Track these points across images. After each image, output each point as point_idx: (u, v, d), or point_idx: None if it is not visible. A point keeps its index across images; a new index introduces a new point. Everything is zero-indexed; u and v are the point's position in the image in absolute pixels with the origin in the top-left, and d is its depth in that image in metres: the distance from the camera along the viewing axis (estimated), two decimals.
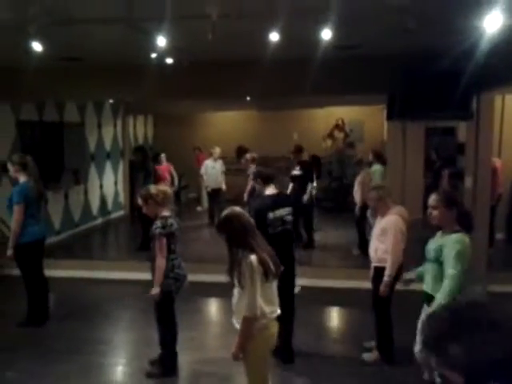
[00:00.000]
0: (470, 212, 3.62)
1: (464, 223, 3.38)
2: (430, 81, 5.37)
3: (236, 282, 2.97)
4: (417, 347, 3.46)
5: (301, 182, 8.00)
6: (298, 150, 8.54)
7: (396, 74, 5.51)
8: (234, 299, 3.06)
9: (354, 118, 12.16)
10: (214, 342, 5.15)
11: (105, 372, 4.45)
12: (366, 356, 4.48)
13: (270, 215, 4.15)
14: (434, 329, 1.30)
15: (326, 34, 4.05)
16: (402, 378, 4.07)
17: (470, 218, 3.48)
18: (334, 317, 6.00)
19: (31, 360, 4.54)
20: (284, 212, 4.27)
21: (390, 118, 6.33)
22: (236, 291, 3.04)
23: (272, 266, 2.97)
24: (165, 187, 4.43)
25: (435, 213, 3.39)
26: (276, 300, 3.09)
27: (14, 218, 5.06)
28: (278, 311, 3.09)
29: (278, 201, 4.33)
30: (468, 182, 6.16)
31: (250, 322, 2.92)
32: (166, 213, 4.22)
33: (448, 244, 3.27)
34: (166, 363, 4.29)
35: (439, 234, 3.49)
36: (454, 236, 3.30)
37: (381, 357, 4.40)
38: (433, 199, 3.42)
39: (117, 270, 6.97)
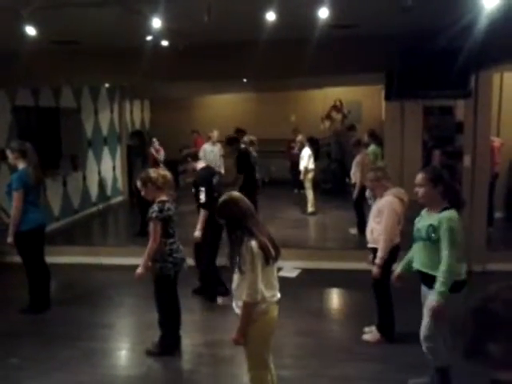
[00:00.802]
0: (458, 189, 3.57)
1: (452, 200, 3.36)
2: (427, 59, 5.32)
3: (236, 266, 2.97)
4: (422, 331, 3.47)
5: None
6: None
7: (393, 53, 5.45)
8: (234, 284, 3.06)
9: (351, 99, 12.09)
10: (215, 325, 5.19)
11: (108, 356, 4.48)
12: (367, 336, 4.52)
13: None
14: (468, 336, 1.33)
15: (323, 13, 3.99)
16: (403, 357, 4.10)
17: (458, 195, 3.45)
18: (334, 298, 6.04)
19: (34, 346, 4.58)
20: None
21: (388, 97, 6.29)
22: (236, 276, 3.04)
23: (272, 250, 2.97)
24: (165, 171, 4.42)
25: (422, 190, 3.38)
26: (276, 284, 3.09)
27: (14, 205, 5.04)
28: (278, 295, 3.09)
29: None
30: (467, 160, 6.15)
31: (250, 307, 2.92)
32: (163, 197, 4.22)
33: (442, 223, 3.25)
34: (164, 344, 4.34)
35: (424, 212, 3.48)
36: (446, 214, 3.29)
37: (381, 337, 4.44)
38: (419, 177, 3.42)
39: (117, 256, 6.98)
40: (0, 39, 5.35)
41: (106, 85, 10.20)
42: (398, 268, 3.75)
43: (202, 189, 5.30)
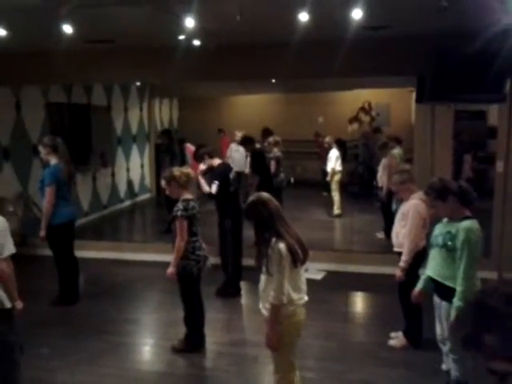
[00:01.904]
0: (467, 188, 3.36)
1: (465, 201, 3.27)
2: (462, 62, 5.20)
3: (263, 268, 2.96)
4: (446, 343, 3.42)
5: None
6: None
7: (426, 56, 5.36)
8: (261, 285, 3.05)
9: (380, 101, 11.96)
10: (239, 324, 5.21)
11: (133, 351, 4.55)
12: (393, 342, 4.46)
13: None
14: (467, 327, 1.42)
15: (357, 14, 3.96)
16: (429, 364, 4.04)
17: (468, 193, 3.31)
18: (359, 302, 5.99)
19: (63, 337, 4.67)
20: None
21: (419, 100, 6.18)
22: (263, 277, 3.03)
23: (300, 252, 2.96)
24: (188, 169, 4.46)
25: (438, 210, 3.35)
26: (304, 286, 3.07)
27: (46, 200, 5.16)
28: (306, 298, 3.07)
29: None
30: (499, 166, 6.01)
31: (277, 309, 2.91)
32: (188, 195, 4.25)
33: (461, 233, 3.17)
34: (189, 341, 4.38)
35: (445, 219, 3.41)
36: (466, 223, 3.20)
37: (408, 342, 4.38)
38: (428, 199, 3.41)
39: (144, 252, 7.07)
40: (37, 38, 5.48)
41: (137, 83, 10.33)
42: (419, 284, 3.65)
43: (216, 182, 5.43)
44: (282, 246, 2.88)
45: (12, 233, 3.17)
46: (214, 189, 5.44)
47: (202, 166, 5.67)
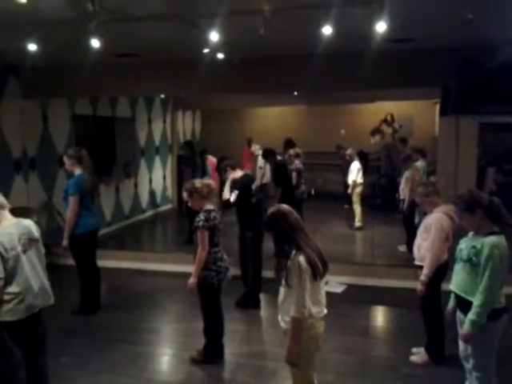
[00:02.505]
0: (497, 203, 3.24)
1: (493, 217, 3.18)
2: (487, 75, 5.16)
3: (283, 280, 2.95)
4: (470, 361, 3.34)
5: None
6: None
7: (451, 68, 5.33)
8: (280, 297, 3.04)
9: (403, 113, 11.87)
10: (258, 336, 5.18)
11: (153, 361, 4.57)
12: (415, 358, 4.38)
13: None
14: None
15: (381, 27, 3.96)
16: (451, 381, 3.95)
17: (498, 209, 3.21)
18: (380, 316, 5.90)
19: (84, 346, 4.72)
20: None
21: (443, 113, 6.13)
22: (282, 289, 3.02)
23: (320, 266, 2.93)
24: (209, 181, 4.49)
25: (464, 222, 3.28)
26: (323, 300, 3.04)
27: (70, 209, 5.25)
28: (325, 311, 3.05)
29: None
30: None
31: (299, 322, 2.87)
32: (209, 206, 4.28)
33: (485, 248, 3.10)
34: (208, 352, 4.38)
35: (471, 233, 3.34)
36: (492, 239, 3.12)
37: (429, 358, 4.30)
38: (456, 211, 3.35)
39: (166, 263, 7.12)
40: (66, 52, 5.62)
41: (161, 95, 10.48)
42: (450, 302, 3.56)
43: (236, 191, 5.45)
44: (301, 258, 2.87)
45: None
46: (232, 197, 5.46)
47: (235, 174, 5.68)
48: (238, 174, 5.72)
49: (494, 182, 8.84)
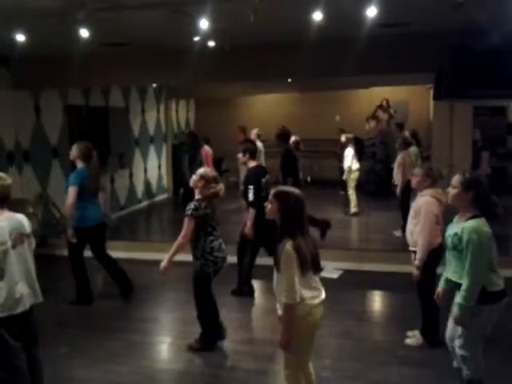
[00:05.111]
0: (493, 198, 3.28)
1: (482, 208, 3.20)
2: (479, 59, 5.15)
3: (274, 264, 2.95)
4: (456, 340, 3.37)
5: None
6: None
7: (444, 52, 5.31)
8: (274, 283, 3.03)
9: (398, 99, 11.85)
10: (254, 323, 5.22)
11: (150, 350, 4.60)
12: (410, 341, 4.43)
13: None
14: None
15: (371, 12, 3.94)
16: (446, 362, 3.99)
17: (490, 204, 3.23)
18: (376, 301, 5.95)
19: (81, 336, 4.74)
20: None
21: (437, 97, 6.12)
22: (275, 274, 3.01)
23: (309, 263, 2.88)
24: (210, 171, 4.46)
25: (452, 192, 3.27)
26: (316, 284, 3.01)
27: (67, 200, 5.24)
28: (322, 296, 3.01)
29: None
30: None
31: (291, 308, 2.86)
32: (198, 196, 4.26)
33: (464, 234, 3.12)
34: (205, 339, 4.41)
35: (456, 218, 3.35)
36: (470, 223, 3.14)
37: (424, 341, 4.35)
38: (455, 178, 3.30)
39: (162, 252, 7.08)
40: (55, 42, 5.57)
41: (154, 85, 10.42)
42: (440, 285, 3.58)
43: (251, 187, 5.33)
44: (290, 244, 2.85)
45: (32, 233, 3.26)
46: (250, 196, 5.33)
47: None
48: (252, 163, 5.54)
49: (488, 166, 8.86)
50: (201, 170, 4.34)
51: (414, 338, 4.44)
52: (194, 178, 4.27)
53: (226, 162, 11.97)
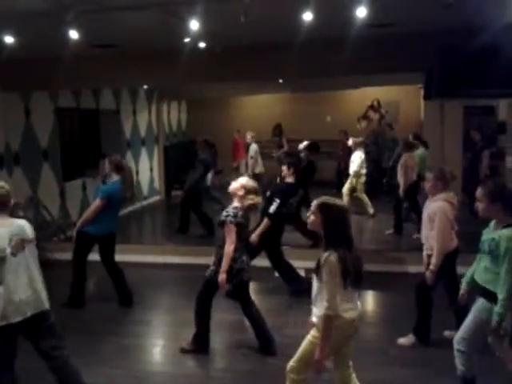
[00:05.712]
0: None
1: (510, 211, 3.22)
2: (468, 58, 5.17)
3: (316, 275, 2.91)
4: (459, 332, 3.38)
5: None
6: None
7: (434, 52, 5.33)
8: (314, 292, 2.98)
9: (389, 99, 11.89)
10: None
11: (144, 352, 4.58)
12: (402, 340, 4.44)
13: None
14: None
15: (361, 12, 3.95)
16: (440, 361, 4.01)
17: None
18: (368, 301, 5.94)
19: (73, 340, 4.66)
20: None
21: (427, 97, 6.14)
22: (315, 284, 2.95)
23: (352, 272, 2.83)
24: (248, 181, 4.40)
25: (480, 206, 3.30)
26: (355, 300, 2.97)
27: (91, 208, 5.28)
28: (357, 312, 2.98)
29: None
30: (509, 162, 5.97)
31: (330, 319, 2.81)
32: (237, 203, 4.21)
33: (502, 241, 3.13)
34: (198, 341, 4.39)
35: (492, 224, 3.35)
36: (507, 232, 3.15)
37: (417, 340, 4.36)
38: (478, 192, 3.32)
39: (154, 254, 7.10)
40: (44, 43, 5.53)
41: (145, 86, 10.38)
42: (463, 285, 3.60)
43: (277, 201, 5.26)
44: (333, 256, 2.81)
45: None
46: (272, 208, 5.23)
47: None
48: (290, 178, 5.38)
49: (487, 166, 8.80)
50: (242, 179, 4.32)
51: (406, 337, 4.44)
52: (235, 185, 4.23)
53: (220, 163, 11.93)
